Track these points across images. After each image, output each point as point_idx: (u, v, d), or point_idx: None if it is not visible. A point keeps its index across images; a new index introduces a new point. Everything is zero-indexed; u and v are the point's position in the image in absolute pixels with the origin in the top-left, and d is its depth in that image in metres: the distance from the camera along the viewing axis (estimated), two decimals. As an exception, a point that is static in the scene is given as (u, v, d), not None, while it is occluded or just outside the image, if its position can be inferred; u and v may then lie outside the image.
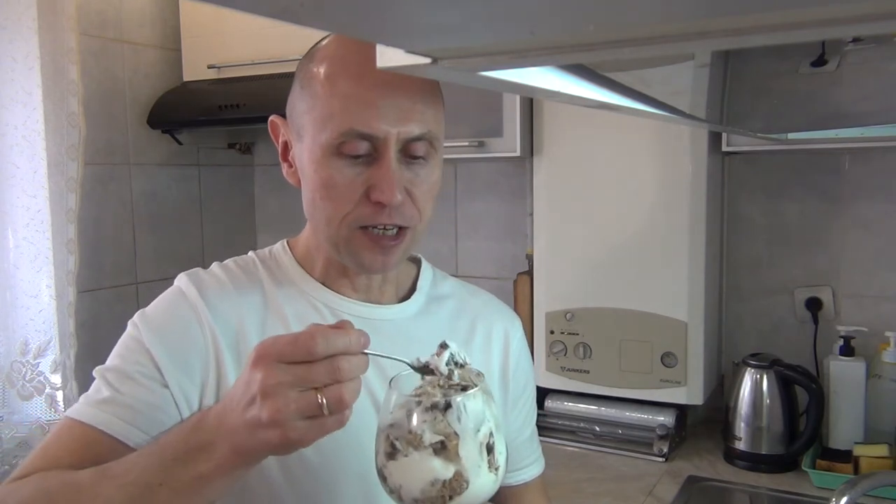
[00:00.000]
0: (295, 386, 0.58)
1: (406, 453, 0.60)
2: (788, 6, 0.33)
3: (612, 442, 1.59)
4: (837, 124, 1.19)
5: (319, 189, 0.77)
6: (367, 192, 0.75)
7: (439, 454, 0.60)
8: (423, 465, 0.60)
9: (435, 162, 0.79)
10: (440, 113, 0.80)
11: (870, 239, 1.59)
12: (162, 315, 0.79)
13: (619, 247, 1.56)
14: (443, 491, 0.60)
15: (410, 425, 0.61)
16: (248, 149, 2.29)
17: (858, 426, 1.44)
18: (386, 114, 0.73)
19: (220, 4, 0.29)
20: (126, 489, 0.63)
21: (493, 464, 0.62)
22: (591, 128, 1.57)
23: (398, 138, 0.74)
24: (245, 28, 1.89)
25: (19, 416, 1.64)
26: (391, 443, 0.61)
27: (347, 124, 0.73)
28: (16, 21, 1.57)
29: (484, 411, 0.63)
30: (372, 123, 0.73)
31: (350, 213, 0.76)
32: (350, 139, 0.74)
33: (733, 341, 1.73)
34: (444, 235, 2.04)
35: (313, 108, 0.76)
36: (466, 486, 0.60)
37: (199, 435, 0.63)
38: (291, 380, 0.58)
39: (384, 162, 0.74)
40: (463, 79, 0.46)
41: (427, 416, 0.60)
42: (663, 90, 0.75)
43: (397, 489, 0.61)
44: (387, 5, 0.31)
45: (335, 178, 0.75)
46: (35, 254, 1.62)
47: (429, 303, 0.89)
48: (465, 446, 0.60)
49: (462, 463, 0.60)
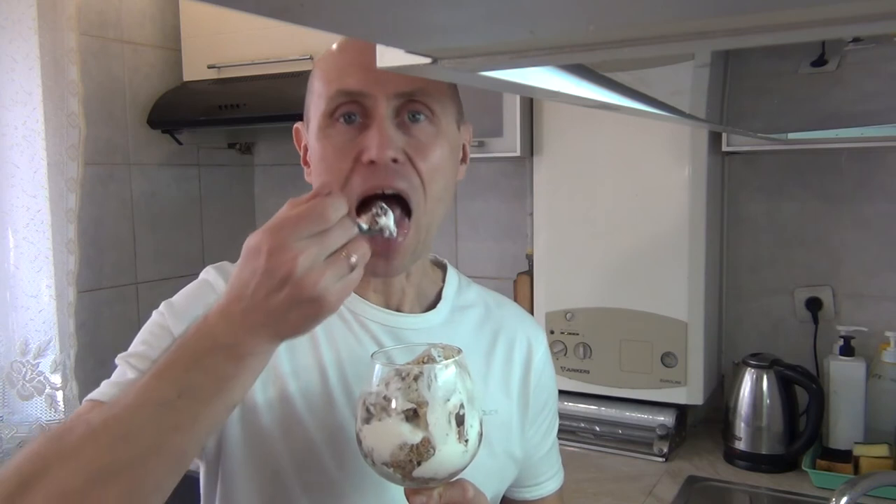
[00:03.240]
0: (322, 254, 0.59)
1: (379, 418, 0.64)
2: (788, 6, 0.33)
3: (612, 442, 1.59)
4: (837, 124, 1.19)
5: (320, 163, 0.76)
6: (360, 155, 0.73)
7: (410, 420, 0.63)
8: (393, 429, 0.63)
9: (437, 132, 0.76)
10: (440, 84, 0.77)
11: (870, 239, 1.59)
12: (189, 302, 0.78)
13: (619, 247, 1.56)
14: (410, 455, 0.62)
15: (387, 391, 0.64)
16: (248, 149, 2.29)
17: (858, 426, 1.44)
18: (372, 72, 0.72)
19: (220, 4, 0.29)
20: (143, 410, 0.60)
21: (463, 435, 0.65)
22: (591, 128, 1.57)
23: (388, 96, 0.73)
24: (245, 28, 1.89)
25: (19, 416, 1.64)
26: (367, 408, 0.64)
27: (335, 87, 0.74)
28: (16, 21, 1.57)
29: (455, 383, 0.65)
30: (357, 81, 0.73)
31: (347, 183, 0.73)
32: (340, 101, 0.74)
33: (733, 341, 1.73)
34: (444, 235, 2.04)
35: (312, 93, 0.79)
36: (433, 453, 0.63)
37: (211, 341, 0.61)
38: (318, 250, 0.58)
39: (375, 122, 0.73)
40: (463, 79, 0.46)
41: (402, 384, 0.64)
42: (663, 90, 0.75)
43: (370, 452, 0.64)
44: (387, 5, 0.31)
45: (329, 146, 0.75)
46: (35, 254, 1.63)
47: (453, 312, 0.86)
48: (433, 413, 0.63)
49: (430, 430, 0.63)
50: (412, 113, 0.75)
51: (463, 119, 0.83)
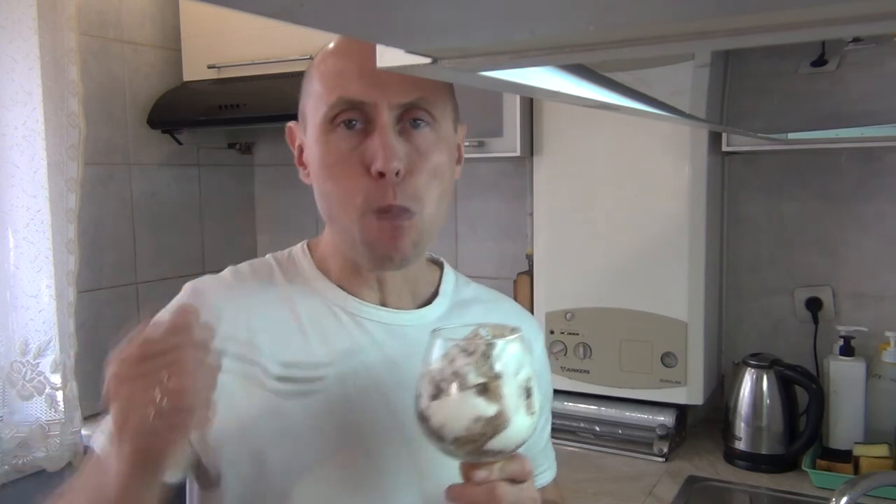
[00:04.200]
0: (138, 385, 0.58)
1: (449, 393, 0.63)
2: (788, 6, 0.33)
3: (612, 442, 1.59)
4: (837, 124, 1.19)
5: (322, 170, 0.76)
6: (367, 167, 0.73)
7: (482, 394, 0.63)
8: (467, 403, 0.63)
9: (437, 138, 0.77)
10: (441, 89, 0.78)
11: (870, 239, 1.59)
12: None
13: (620, 247, 1.56)
14: (485, 428, 0.63)
15: (455, 367, 0.64)
16: (248, 149, 2.29)
17: (858, 426, 1.43)
18: (375, 80, 0.72)
19: (220, 4, 0.29)
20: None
21: (531, 408, 0.66)
22: (591, 128, 1.57)
23: (390, 104, 0.73)
24: (245, 28, 1.89)
25: (19, 416, 1.64)
26: (436, 384, 0.64)
27: (336, 94, 0.74)
28: (16, 21, 1.57)
29: (523, 357, 0.66)
30: (360, 90, 0.73)
31: (356, 193, 0.74)
32: (341, 108, 0.74)
33: (733, 341, 1.73)
34: (444, 235, 2.04)
35: (310, 95, 0.78)
36: (507, 425, 0.63)
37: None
38: (135, 375, 0.58)
39: (378, 129, 0.73)
40: (463, 79, 0.46)
41: (470, 359, 0.64)
42: (663, 90, 0.75)
43: (439, 429, 0.64)
44: (387, 5, 0.31)
45: (332, 153, 0.75)
46: (35, 254, 1.63)
47: (452, 308, 0.87)
48: (506, 386, 0.64)
49: (504, 402, 0.63)
50: (413, 119, 0.75)
51: (459, 119, 0.84)
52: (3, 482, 1.61)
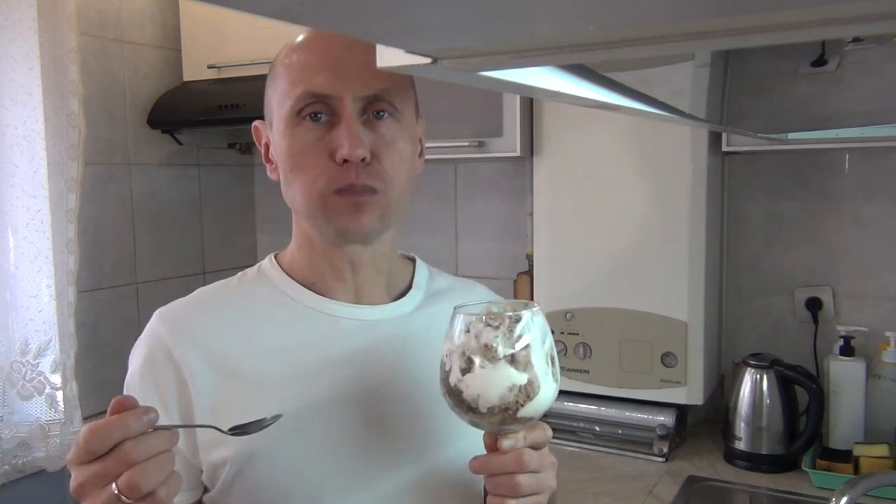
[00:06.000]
0: (95, 484, 0.59)
1: (482, 365, 0.66)
2: (788, 6, 0.33)
3: (612, 442, 1.59)
4: (837, 124, 1.19)
5: (287, 161, 0.78)
6: (332, 155, 0.75)
7: (513, 364, 0.66)
8: (500, 373, 0.66)
9: (400, 128, 0.79)
10: (403, 81, 0.80)
11: (870, 239, 1.59)
12: (140, 373, 0.78)
13: (620, 247, 1.56)
14: (518, 396, 0.66)
15: (484, 340, 0.67)
16: (248, 149, 2.29)
17: (858, 426, 1.44)
18: (339, 73, 0.75)
19: (220, 4, 0.29)
20: None
21: (555, 374, 0.70)
22: (591, 128, 1.57)
23: (354, 97, 0.75)
24: (245, 28, 1.89)
25: (19, 416, 1.64)
26: (467, 358, 0.67)
27: (302, 88, 0.75)
28: (16, 21, 1.57)
29: (545, 327, 0.70)
30: (325, 83, 0.75)
31: (319, 178, 0.76)
32: (307, 102, 0.76)
33: (733, 341, 1.73)
34: (444, 235, 2.04)
35: (275, 89, 0.79)
36: (538, 391, 0.67)
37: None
38: (88, 478, 0.59)
39: (343, 120, 0.75)
40: (463, 79, 0.46)
41: (497, 332, 0.67)
42: (663, 90, 0.75)
43: (474, 400, 0.67)
44: (387, 5, 0.31)
45: (298, 143, 0.77)
46: (35, 254, 1.63)
47: (426, 299, 0.89)
48: (535, 355, 0.67)
49: (534, 370, 0.67)
50: (377, 111, 0.77)
51: (419, 112, 0.86)
52: (3, 482, 1.61)
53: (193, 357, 0.77)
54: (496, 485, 0.69)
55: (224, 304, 0.83)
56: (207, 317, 0.81)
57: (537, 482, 0.70)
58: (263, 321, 0.81)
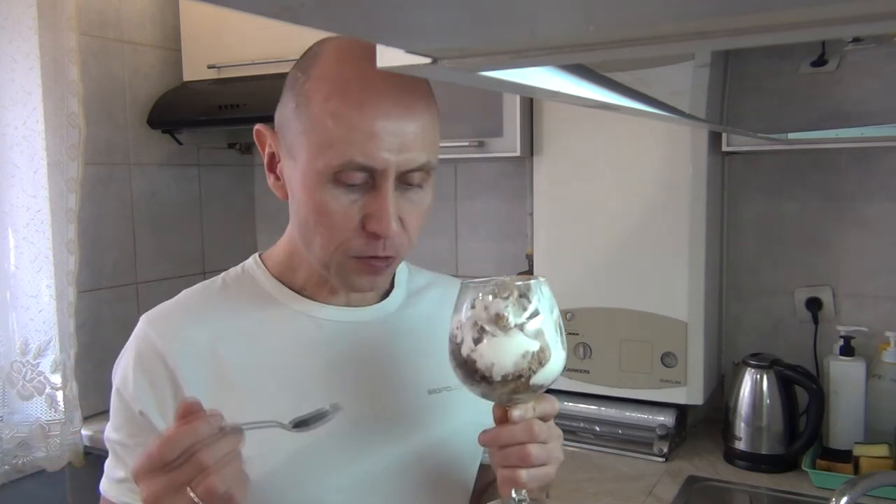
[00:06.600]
0: (169, 492, 0.60)
1: (494, 334, 0.68)
2: (788, 6, 0.33)
3: (612, 442, 1.59)
4: (837, 124, 1.19)
5: (313, 214, 0.74)
6: (363, 222, 0.73)
7: (524, 331, 0.68)
8: (512, 341, 0.68)
9: (429, 187, 0.78)
10: (438, 138, 0.78)
11: (870, 239, 1.59)
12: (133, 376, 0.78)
13: (620, 247, 1.56)
14: (531, 362, 0.68)
15: (495, 310, 0.68)
16: (248, 149, 2.29)
17: (858, 426, 1.44)
18: (387, 145, 0.70)
19: (220, 4, 0.29)
20: None
21: (563, 343, 0.71)
22: (591, 128, 1.57)
23: (398, 169, 0.72)
24: (245, 28, 1.89)
25: (19, 416, 1.64)
26: (480, 328, 0.68)
27: (347, 155, 0.70)
28: (16, 21, 1.57)
29: (552, 297, 0.72)
30: (372, 154, 0.70)
31: (345, 242, 0.74)
32: (349, 170, 0.71)
33: (733, 341, 1.73)
34: (444, 235, 2.04)
35: (310, 131, 0.73)
36: (549, 358, 0.69)
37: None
38: (163, 487, 0.61)
39: (382, 192, 0.72)
40: (463, 79, 0.46)
41: (507, 301, 0.68)
42: (663, 90, 0.75)
43: (488, 368, 0.68)
44: (387, 5, 0.31)
45: (331, 205, 0.73)
46: (35, 254, 1.63)
47: (408, 297, 0.89)
48: (545, 323, 0.69)
49: (545, 337, 0.69)
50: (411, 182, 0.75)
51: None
52: (3, 482, 1.61)
53: (184, 361, 0.77)
54: (506, 456, 0.70)
55: (212, 308, 0.82)
56: (195, 320, 0.80)
57: (547, 453, 0.71)
58: (252, 325, 0.80)
